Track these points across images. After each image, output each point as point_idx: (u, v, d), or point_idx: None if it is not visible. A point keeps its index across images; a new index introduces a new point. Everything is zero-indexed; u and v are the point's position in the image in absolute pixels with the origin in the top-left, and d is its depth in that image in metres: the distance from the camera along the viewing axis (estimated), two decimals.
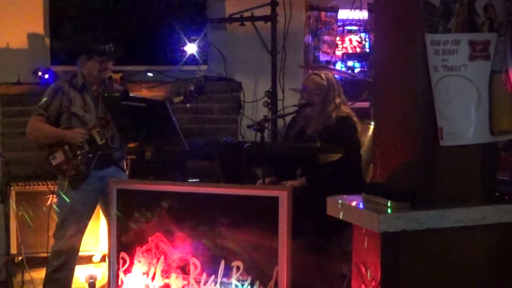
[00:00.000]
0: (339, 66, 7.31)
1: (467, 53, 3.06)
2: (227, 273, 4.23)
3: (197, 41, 6.60)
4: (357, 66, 7.42)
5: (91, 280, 5.88)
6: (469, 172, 3.16)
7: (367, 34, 7.41)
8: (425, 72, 3.05)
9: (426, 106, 3.06)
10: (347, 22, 7.34)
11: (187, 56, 6.61)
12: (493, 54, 3.09)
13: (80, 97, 5.20)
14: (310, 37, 7.24)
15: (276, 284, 4.12)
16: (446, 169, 3.13)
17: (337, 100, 5.09)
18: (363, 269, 3.17)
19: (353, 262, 3.28)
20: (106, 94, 5.17)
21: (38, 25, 6.60)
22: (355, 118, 5.07)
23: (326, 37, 7.30)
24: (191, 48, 6.61)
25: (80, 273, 5.84)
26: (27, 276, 5.97)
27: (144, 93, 6.54)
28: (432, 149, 3.09)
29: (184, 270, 4.36)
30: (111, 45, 5.20)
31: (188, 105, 5.29)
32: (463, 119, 3.08)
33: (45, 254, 5.51)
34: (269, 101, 6.35)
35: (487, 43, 3.08)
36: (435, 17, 3.02)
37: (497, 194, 3.24)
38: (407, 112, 3.14)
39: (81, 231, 5.24)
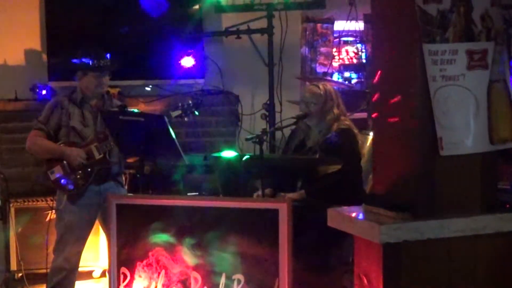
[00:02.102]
0: (336, 77, 7.34)
1: (465, 62, 3.06)
2: (228, 287, 4.22)
3: (194, 55, 6.62)
4: (354, 77, 7.44)
5: None
6: (469, 181, 3.16)
7: (363, 45, 7.43)
8: (423, 82, 3.05)
9: (425, 116, 3.07)
10: (343, 33, 7.37)
11: (184, 70, 6.63)
12: (491, 63, 3.09)
13: (79, 111, 5.21)
14: (307, 48, 7.26)
15: None
16: (446, 178, 3.12)
17: (336, 111, 5.08)
18: (365, 280, 3.16)
19: (355, 273, 3.28)
20: (104, 110, 5.18)
21: (35, 42, 6.62)
22: (355, 130, 5.08)
23: (322, 49, 7.33)
24: (188, 62, 6.62)
25: None
26: None
27: (142, 107, 6.56)
28: (432, 159, 3.09)
29: (185, 284, 4.35)
30: (106, 59, 5.20)
31: (186, 119, 5.29)
32: (462, 128, 3.08)
33: (45, 270, 5.51)
34: (267, 113, 6.37)
35: (485, 52, 3.08)
36: (433, 27, 3.03)
37: (497, 202, 3.24)
38: (406, 122, 3.14)
39: (80, 246, 5.23)
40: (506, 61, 3.16)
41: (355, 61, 7.50)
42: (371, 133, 5.13)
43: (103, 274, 6.04)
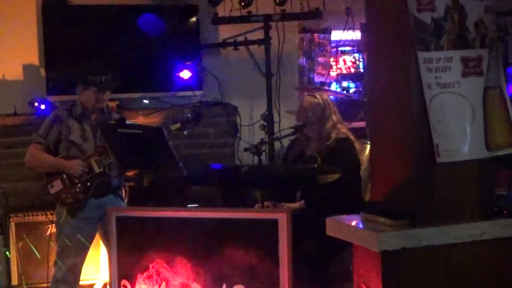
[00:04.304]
0: (334, 87, 7.35)
1: (460, 69, 3.07)
2: None
3: (191, 67, 6.65)
4: (352, 86, 7.46)
5: None
6: (467, 188, 3.17)
7: (360, 54, 7.45)
8: (419, 90, 3.07)
9: (422, 124, 3.08)
10: (341, 43, 7.39)
11: (182, 82, 6.65)
12: (485, 70, 3.11)
13: (79, 125, 5.21)
14: (304, 59, 7.28)
15: None
16: (444, 185, 3.13)
17: (334, 117, 5.10)
18: None
19: (355, 282, 3.29)
20: (102, 122, 5.19)
21: (33, 56, 6.64)
22: (352, 137, 5.09)
23: (320, 59, 7.35)
24: (186, 74, 6.64)
25: None
26: None
27: (140, 120, 6.57)
28: (429, 166, 3.10)
29: None
30: (108, 75, 5.20)
31: (185, 132, 5.30)
32: (458, 135, 3.09)
33: (46, 284, 5.50)
34: (265, 124, 6.37)
35: (480, 59, 3.10)
36: (427, 35, 3.04)
37: (495, 209, 3.24)
38: (402, 130, 3.16)
39: (81, 260, 5.23)
40: (501, 68, 3.18)
41: (352, 70, 7.52)
42: (369, 142, 5.14)
43: (104, 287, 6.04)
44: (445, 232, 3.07)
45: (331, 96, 5.57)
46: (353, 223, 3.25)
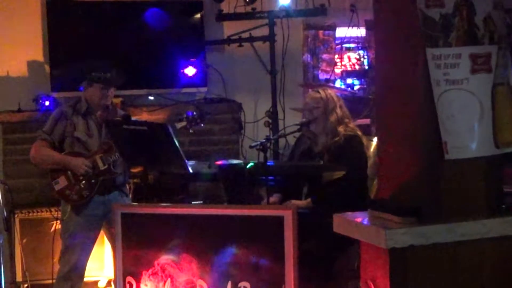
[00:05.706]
0: (338, 84, 7.35)
1: (469, 66, 3.06)
2: None
3: (196, 64, 6.64)
4: (357, 83, 7.45)
5: None
6: (475, 185, 3.16)
7: (365, 51, 7.44)
8: (427, 87, 3.06)
9: (430, 121, 3.07)
10: (345, 40, 7.38)
11: (186, 78, 6.64)
12: (494, 66, 3.09)
13: (84, 122, 5.21)
14: (309, 56, 7.27)
15: None
16: (451, 182, 3.12)
17: (339, 111, 5.08)
18: (372, 286, 3.16)
19: (362, 279, 3.28)
20: (108, 119, 5.19)
21: (37, 53, 6.64)
22: (360, 133, 5.08)
23: (324, 56, 7.34)
24: (190, 71, 6.64)
25: None
26: None
27: (145, 116, 6.56)
28: (437, 163, 3.09)
29: None
30: (112, 72, 5.20)
31: (191, 130, 5.29)
32: (466, 132, 3.08)
33: (51, 281, 5.50)
34: (270, 120, 6.37)
35: (488, 55, 3.08)
36: (435, 31, 3.03)
37: (503, 206, 3.23)
38: (410, 127, 3.15)
39: (86, 256, 5.23)
40: (510, 64, 3.16)
41: (357, 67, 7.51)
42: (375, 139, 5.13)
43: (108, 284, 6.04)
44: (453, 229, 3.06)
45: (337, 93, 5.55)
46: (361, 220, 3.24)
